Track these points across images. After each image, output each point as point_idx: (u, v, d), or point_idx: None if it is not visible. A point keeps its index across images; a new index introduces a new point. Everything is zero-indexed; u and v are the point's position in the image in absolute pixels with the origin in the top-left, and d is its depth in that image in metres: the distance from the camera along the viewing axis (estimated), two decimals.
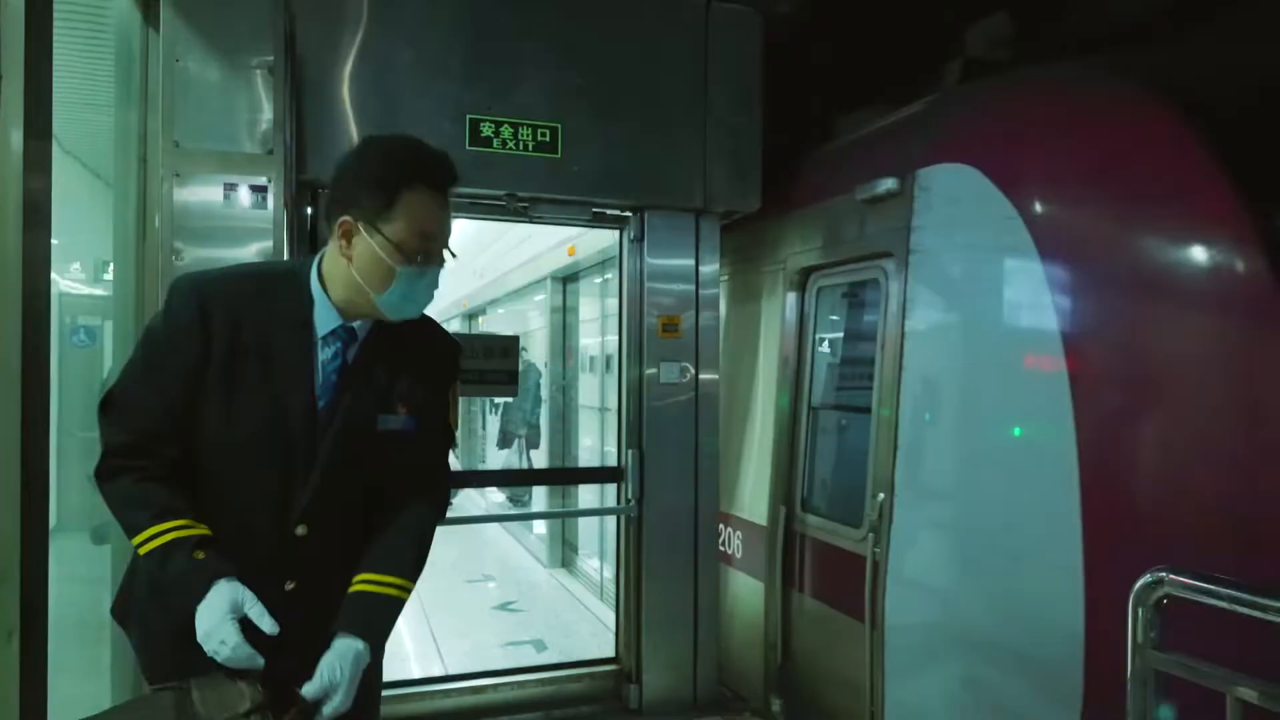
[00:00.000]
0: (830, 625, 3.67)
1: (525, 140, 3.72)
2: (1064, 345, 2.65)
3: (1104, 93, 2.85)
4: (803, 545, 3.93)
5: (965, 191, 3.05)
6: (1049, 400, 2.67)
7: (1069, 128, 2.91)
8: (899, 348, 3.25)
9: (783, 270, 4.16)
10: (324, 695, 1.62)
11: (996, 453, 2.91)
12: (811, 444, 4.02)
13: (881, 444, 3.34)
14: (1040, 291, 2.75)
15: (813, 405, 4.01)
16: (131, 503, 1.66)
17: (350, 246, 1.71)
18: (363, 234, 1.69)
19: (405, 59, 3.55)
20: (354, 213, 1.69)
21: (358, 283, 1.72)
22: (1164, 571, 1.64)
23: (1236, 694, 1.53)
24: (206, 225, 2.71)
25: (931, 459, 3.17)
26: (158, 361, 1.70)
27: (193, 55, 2.71)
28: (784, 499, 4.03)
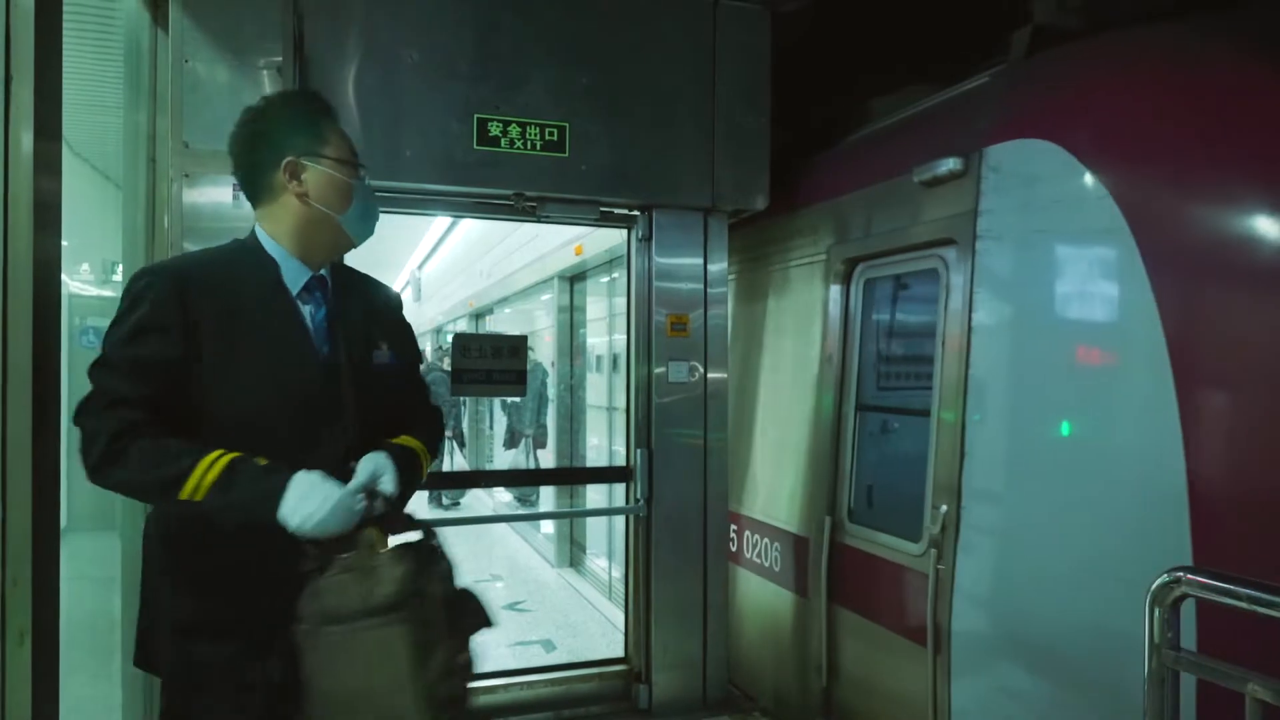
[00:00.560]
0: (884, 647, 3.33)
1: (533, 139, 3.71)
2: (1167, 342, 2.35)
3: (1207, 57, 2.54)
4: (850, 559, 3.60)
5: (1045, 170, 2.74)
6: (1148, 405, 2.39)
7: (1167, 96, 2.59)
8: (964, 345, 2.95)
9: (824, 262, 3.89)
10: (374, 481, 1.76)
11: (1083, 463, 2.61)
12: (858, 449, 3.70)
13: (943, 450, 3.03)
14: (1137, 281, 2.43)
15: (860, 406, 3.70)
16: (164, 456, 1.64)
17: (302, 184, 1.84)
18: (310, 166, 1.83)
19: (412, 59, 3.54)
20: (291, 154, 1.83)
21: (318, 216, 1.85)
22: (1181, 571, 1.63)
23: (1256, 694, 1.51)
24: (216, 226, 2.71)
25: (1005, 467, 2.85)
26: (145, 352, 1.68)
27: (201, 56, 2.72)
28: (829, 508, 3.73)
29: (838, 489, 3.70)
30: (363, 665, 1.62)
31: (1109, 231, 2.51)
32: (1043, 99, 2.94)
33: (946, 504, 2.94)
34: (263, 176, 1.85)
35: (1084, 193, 2.60)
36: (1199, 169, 2.46)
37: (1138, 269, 2.43)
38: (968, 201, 2.97)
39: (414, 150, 3.57)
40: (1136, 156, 2.58)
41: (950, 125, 3.28)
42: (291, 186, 1.83)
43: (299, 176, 1.83)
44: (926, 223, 3.21)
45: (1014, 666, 2.72)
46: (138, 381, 1.66)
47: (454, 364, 4.07)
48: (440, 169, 3.60)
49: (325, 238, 1.89)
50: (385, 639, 1.64)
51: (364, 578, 1.66)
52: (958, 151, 3.00)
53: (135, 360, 1.67)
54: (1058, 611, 2.44)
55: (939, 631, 2.92)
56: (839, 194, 3.84)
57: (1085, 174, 2.60)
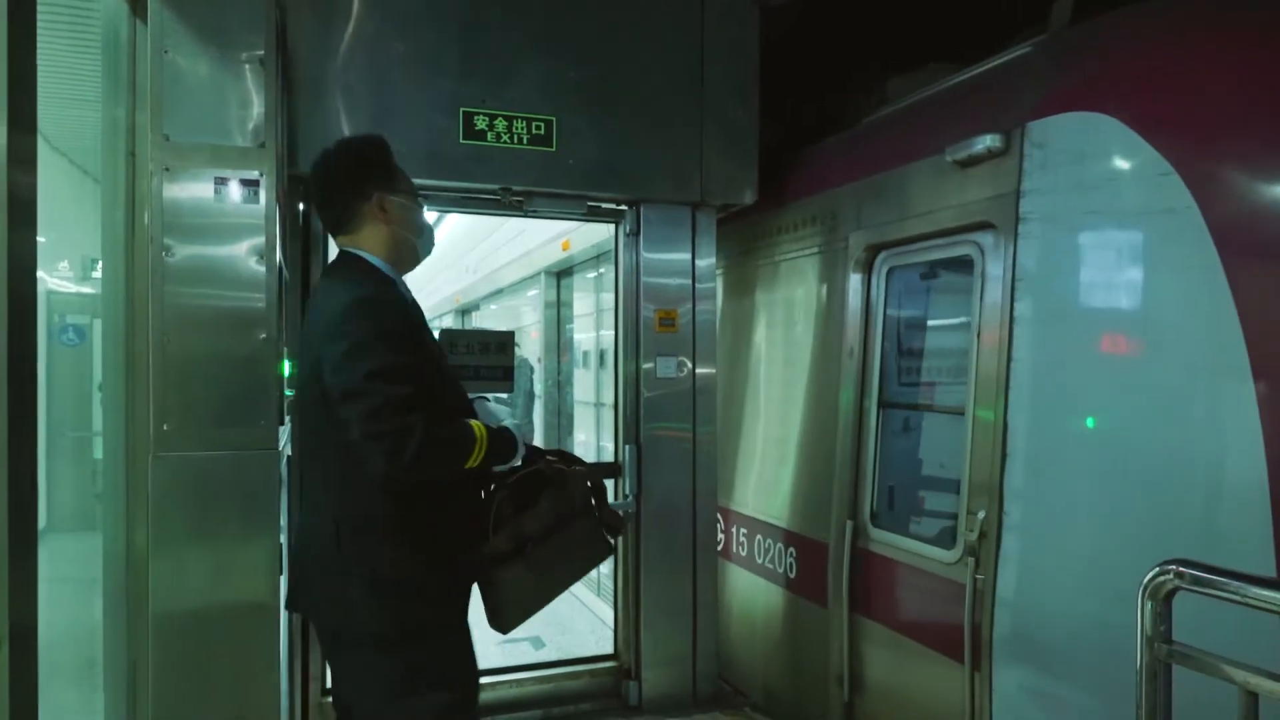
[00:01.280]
0: (913, 661, 3.13)
1: (520, 133, 3.68)
2: (1244, 333, 2.11)
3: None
4: (874, 566, 3.38)
5: (1098, 146, 2.48)
6: (1222, 403, 2.19)
7: (1238, 60, 2.32)
8: (1004, 337, 2.71)
9: (843, 249, 3.64)
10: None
11: (1143, 466, 2.37)
12: (881, 448, 3.47)
13: (979, 450, 2.82)
14: (1209, 266, 2.17)
15: (883, 404, 3.47)
16: (455, 440, 2.07)
17: (387, 213, 2.24)
18: (392, 199, 2.25)
19: (398, 52, 3.50)
20: (378, 190, 2.23)
21: (401, 238, 2.27)
22: (1173, 564, 1.62)
23: (1248, 685, 1.51)
24: (197, 221, 2.67)
25: (1054, 470, 2.61)
26: (405, 359, 2.05)
27: (182, 48, 2.67)
28: (850, 511, 3.49)
29: (859, 491, 3.48)
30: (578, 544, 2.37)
31: (1174, 211, 2.26)
32: (1094, 68, 2.68)
33: (984, 509, 2.74)
34: (355, 207, 2.23)
35: (1145, 169, 2.35)
36: (1277, 140, 2.21)
37: (1209, 253, 2.18)
38: (1008, 182, 2.73)
39: (399, 144, 3.48)
40: (1205, 128, 2.32)
41: (988, 99, 3.04)
42: (381, 217, 2.23)
43: (385, 208, 2.23)
44: (960, 205, 2.96)
45: (1062, 684, 2.51)
46: (411, 384, 1.99)
47: None
48: (426, 163, 3.56)
49: (406, 256, 2.32)
50: (587, 527, 2.38)
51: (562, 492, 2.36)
52: (997, 128, 2.77)
53: (407, 367, 2.02)
54: (1114, 628, 1.99)
55: (978, 646, 2.72)
56: (859, 177, 3.62)
57: (1146, 148, 2.35)
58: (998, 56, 3.21)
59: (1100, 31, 2.75)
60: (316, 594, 2.16)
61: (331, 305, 2.10)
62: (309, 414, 2.23)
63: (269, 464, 2.69)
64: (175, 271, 2.65)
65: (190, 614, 2.66)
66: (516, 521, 2.25)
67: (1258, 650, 1.56)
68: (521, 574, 2.25)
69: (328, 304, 2.13)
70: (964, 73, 3.38)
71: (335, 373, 2.00)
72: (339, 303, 2.08)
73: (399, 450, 1.90)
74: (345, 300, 2.08)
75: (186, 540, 2.66)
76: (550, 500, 2.30)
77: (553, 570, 2.31)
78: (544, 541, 2.26)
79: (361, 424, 1.92)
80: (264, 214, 2.67)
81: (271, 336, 2.70)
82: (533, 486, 2.32)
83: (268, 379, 2.70)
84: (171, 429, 2.62)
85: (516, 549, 2.24)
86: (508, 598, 2.28)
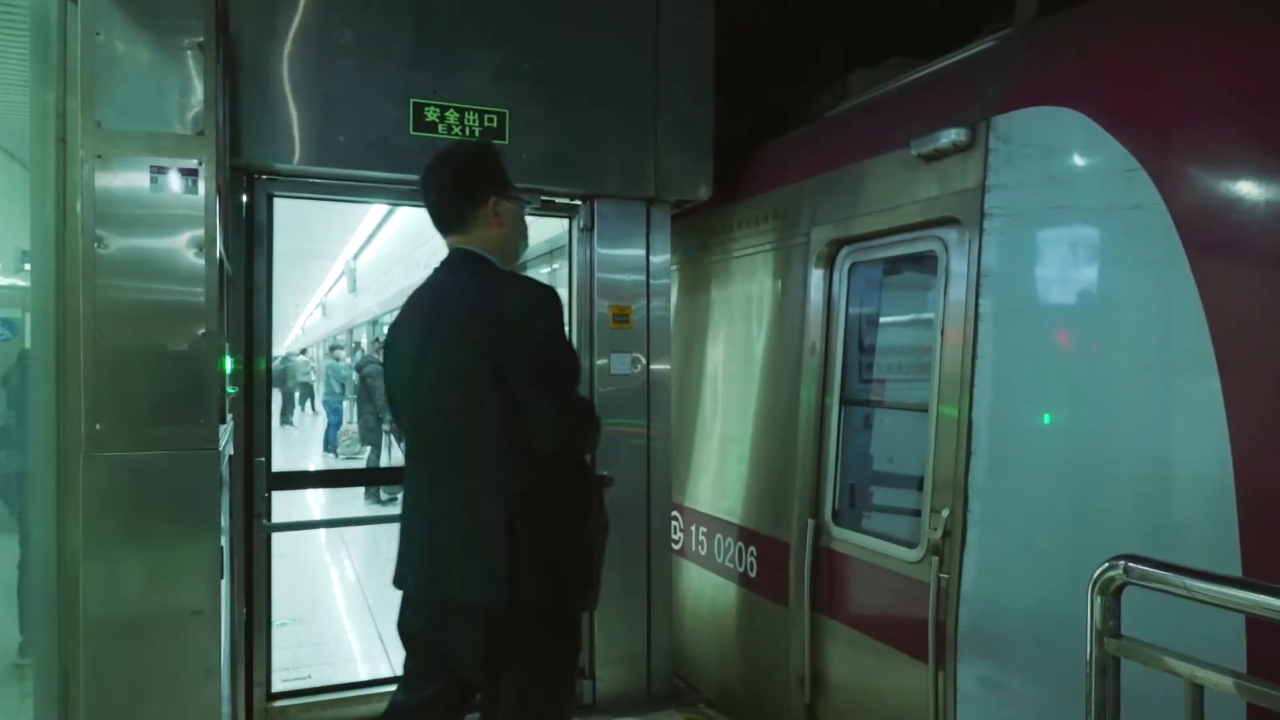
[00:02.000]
0: (876, 661, 3.10)
1: (472, 125, 3.62)
2: (1210, 329, 2.09)
3: (1251, 10, 2.25)
4: (836, 565, 3.34)
5: (1064, 140, 2.46)
6: (1188, 400, 2.17)
7: (1206, 56, 2.29)
8: (969, 334, 2.69)
9: (805, 245, 3.60)
10: None
11: (1112, 463, 2.34)
12: (843, 446, 3.43)
13: (942, 447, 2.80)
14: (1175, 261, 2.15)
15: (845, 401, 3.43)
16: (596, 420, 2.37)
17: (499, 215, 2.40)
18: (504, 203, 2.41)
19: (346, 39, 3.42)
20: (493, 194, 2.39)
21: (509, 239, 2.44)
22: (1123, 559, 1.64)
23: (1195, 678, 1.53)
24: (132, 212, 2.55)
25: (1020, 467, 2.58)
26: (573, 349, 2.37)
27: (115, 30, 2.55)
28: (812, 509, 3.46)
29: (821, 489, 3.45)
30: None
31: (1140, 207, 2.23)
32: (1060, 63, 2.66)
33: (948, 507, 2.72)
34: (472, 209, 2.39)
35: (1111, 165, 2.32)
36: (1244, 136, 2.17)
37: (1175, 248, 2.16)
38: (974, 176, 2.71)
39: (347, 135, 3.45)
40: (1171, 123, 2.29)
41: (952, 93, 3.02)
42: (494, 219, 2.39)
43: (498, 211, 2.39)
44: (924, 201, 2.94)
45: (1027, 681, 2.51)
46: (578, 368, 2.35)
47: None
48: (375, 155, 3.49)
49: (511, 254, 2.48)
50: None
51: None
52: (962, 122, 2.74)
53: (575, 354, 2.37)
54: (1079, 625, 1.88)
55: (942, 644, 2.71)
56: (821, 171, 3.58)
57: (1112, 144, 2.32)
58: (963, 50, 3.19)
59: (1066, 25, 2.73)
60: (459, 575, 2.19)
61: (494, 297, 2.27)
62: (459, 401, 2.25)
63: (209, 464, 2.59)
64: (109, 264, 2.53)
65: (125, 620, 2.55)
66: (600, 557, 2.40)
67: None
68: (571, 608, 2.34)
69: (483, 298, 2.28)
70: (929, 66, 3.35)
71: (531, 361, 2.19)
72: (514, 295, 2.28)
73: (590, 433, 2.32)
74: (522, 294, 2.29)
75: (121, 543, 2.55)
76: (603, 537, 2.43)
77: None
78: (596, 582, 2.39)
79: (553, 403, 2.20)
80: (203, 204, 2.57)
81: (212, 332, 2.60)
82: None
83: (208, 376, 2.60)
84: (105, 428, 2.51)
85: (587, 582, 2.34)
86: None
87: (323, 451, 14.37)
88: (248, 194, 3.51)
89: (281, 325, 34.44)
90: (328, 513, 9.11)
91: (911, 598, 2.87)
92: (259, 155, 3.34)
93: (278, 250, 3.73)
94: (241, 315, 3.48)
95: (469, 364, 2.21)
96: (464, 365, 2.22)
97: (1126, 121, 2.34)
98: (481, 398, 2.19)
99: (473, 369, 2.19)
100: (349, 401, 14.12)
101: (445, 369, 2.26)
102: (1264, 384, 2.06)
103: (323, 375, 17.82)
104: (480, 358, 2.18)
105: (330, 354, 16.59)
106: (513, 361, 2.16)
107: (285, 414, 20.07)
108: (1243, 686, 1.46)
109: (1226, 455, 2.05)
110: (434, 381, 2.29)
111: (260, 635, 3.57)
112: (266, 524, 3.55)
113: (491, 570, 2.13)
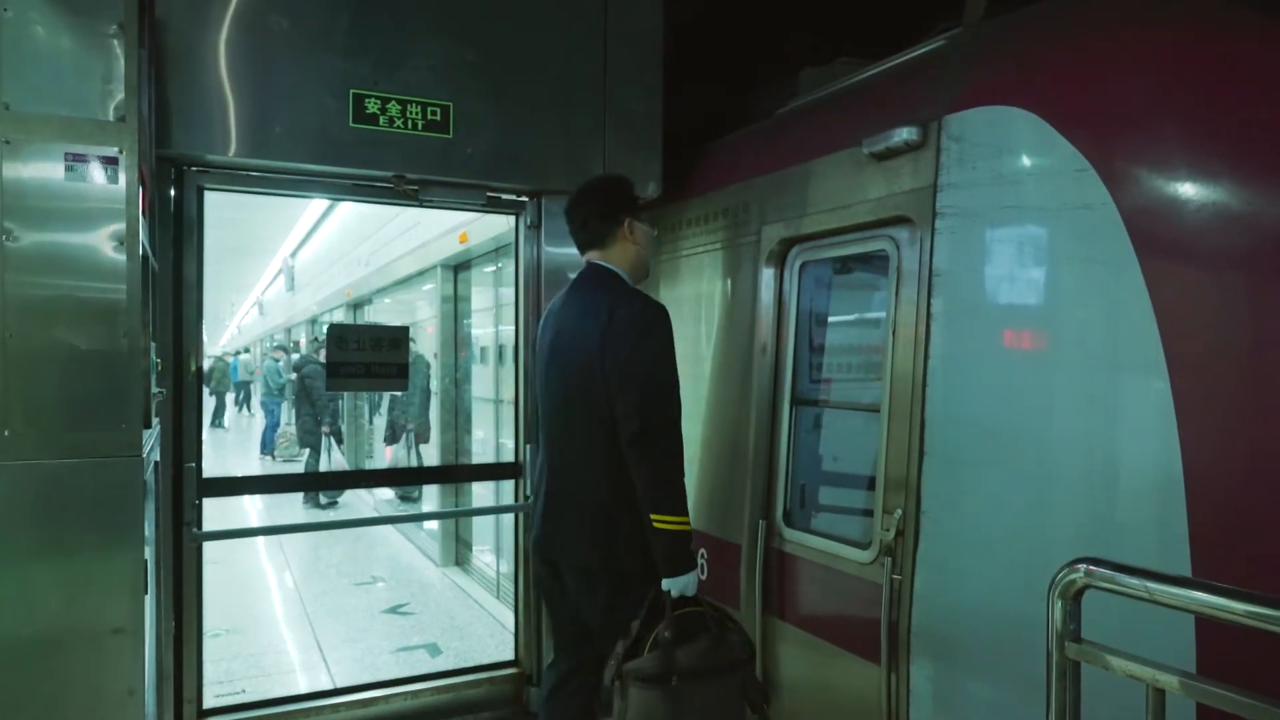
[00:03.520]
0: (828, 664, 3.08)
1: (414, 118, 3.50)
2: (1160, 330, 2.09)
3: (1200, 13, 2.24)
4: (787, 567, 3.31)
5: (1015, 140, 2.46)
6: (1138, 401, 2.17)
7: (1158, 57, 2.27)
8: (921, 334, 2.69)
9: (756, 243, 3.56)
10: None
11: (1062, 463, 2.34)
12: (794, 446, 3.41)
13: (895, 448, 2.79)
14: (1125, 262, 2.16)
15: (796, 401, 3.41)
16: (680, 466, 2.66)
17: (633, 236, 2.84)
18: (639, 226, 2.86)
19: (282, 26, 3.29)
20: (627, 217, 2.84)
21: (640, 256, 2.88)
22: (1083, 562, 1.62)
23: (1156, 683, 1.52)
24: (45, 203, 2.35)
25: (972, 468, 2.56)
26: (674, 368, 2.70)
27: (24, 6, 2.37)
28: (763, 511, 3.42)
29: (772, 490, 3.43)
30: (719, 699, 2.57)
31: (1091, 207, 2.24)
32: (1011, 62, 2.66)
33: (901, 508, 2.72)
34: (611, 229, 2.83)
35: (1061, 165, 2.32)
36: (1194, 137, 2.18)
37: (1125, 249, 2.16)
38: (925, 176, 2.71)
39: (284, 126, 3.31)
40: (1121, 124, 2.28)
41: (904, 92, 3.00)
42: (629, 238, 2.84)
43: (633, 231, 2.84)
44: (877, 200, 2.93)
45: (980, 682, 2.52)
46: (676, 390, 2.71)
47: (329, 357, 3.84)
48: (313, 147, 3.36)
49: (640, 270, 2.90)
50: (732, 687, 2.61)
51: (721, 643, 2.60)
52: (914, 120, 2.74)
53: (675, 373, 2.72)
54: (1033, 625, 1.92)
55: (894, 646, 2.71)
56: (772, 169, 3.53)
57: (1063, 144, 2.32)
58: (915, 48, 3.18)
59: (1016, 25, 2.72)
60: (580, 543, 2.69)
61: (615, 311, 2.63)
62: (574, 396, 2.70)
63: (131, 471, 2.42)
64: (19, 258, 2.35)
65: (39, 639, 2.37)
66: (671, 651, 2.47)
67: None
68: (656, 701, 2.44)
69: (602, 309, 2.65)
70: (881, 64, 3.33)
71: (625, 363, 2.56)
72: (631, 309, 2.64)
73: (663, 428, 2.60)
74: (630, 306, 2.65)
75: (34, 557, 2.37)
76: (710, 642, 2.52)
77: (685, 713, 2.46)
78: (694, 679, 2.47)
79: (636, 399, 2.53)
80: (124, 195, 2.40)
81: (134, 331, 2.43)
82: (691, 623, 2.54)
83: (129, 378, 2.43)
84: (14, 434, 2.32)
85: (661, 675, 2.44)
86: (630, 713, 2.48)
87: (260, 454, 13.97)
88: (176, 186, 3.35)
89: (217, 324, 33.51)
90: (265, 518, 8.84)
91: (864, 599, 2.86)
92: (189, 145, 3.19)
93: (212, 246, 3.56)
94: (170, 314, 3.31)
95: (582, 365, 2.64)
96: (578, 366, 2.66)
97: (1076, 121, 2.33)
98: (591, 396, 2.61)
99: (585, 370, 2.63)
100: (288, 402, 13.77)
101: (568, 368, 2.73)
102: (1213, 384, 2.05)
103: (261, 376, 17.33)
104: (591, 360, 2.61)
105: (270, 354, 16.14)
106: (613, 365, 2.56)
107: (216, 416, 19.55)
108: (1211, 693, 1.44)
109: (1176, 455, 2.04)
110: (559, 378, 2.77)
111: (191, 649, 3.41)
112: (197, 533, 3.38)
113: (595, 543, 2.64)
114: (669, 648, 2.47)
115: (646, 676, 2.45)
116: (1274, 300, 2.00)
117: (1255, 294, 2.02)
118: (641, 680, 2.45)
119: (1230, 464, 2.03)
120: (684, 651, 2.48)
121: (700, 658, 2.49)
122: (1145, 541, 2.12)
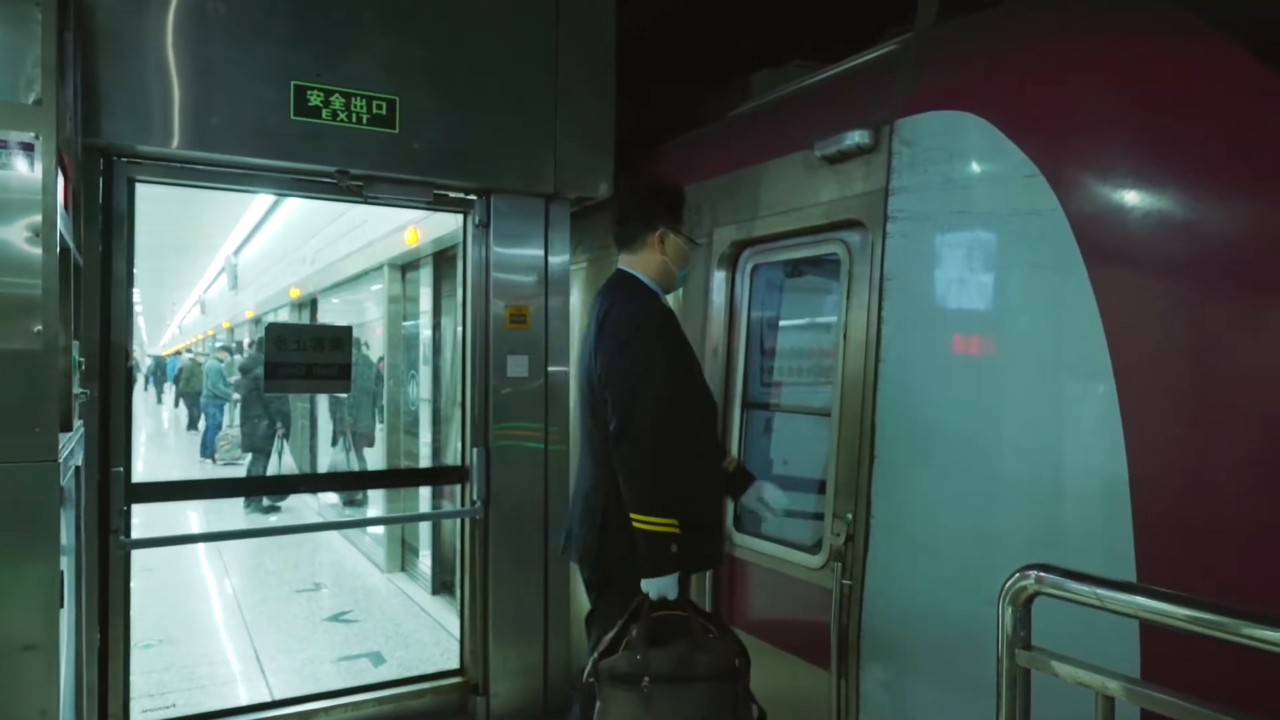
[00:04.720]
0: (779, 669, 3.02)
1: (359, 112, 3.40)
2: (1107, 335, 2.09)
3: (1148, 21, 2.22)
4: (737, 572, 3.28)
5: (965, 145, 2.46)
6: (1085, 405, 2.18)
7: (1102, 64, 2.27)
8: (871, 338, 2.68)
9: (707, 245, 3.53)
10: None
11: (1012, 467, 2.34)
12: (745, 450, 3.39)
13: (845, 452, 2.77)
14: (1073, 268, 2.16)
15: (747, 404, 3.40)
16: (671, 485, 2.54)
17: (664, 246, 2.80)
18: (672, 237, 2.81)
19: (219, 13, 3.17)
20: (663, 227, 2.80)
21: (668, 268, 2.82)
22: (1034, 569, 1.61)
23: (1107, 690, 1.50)
24: None
25: (922, 472, 2.56)
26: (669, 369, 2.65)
27: None
28: None
29: None
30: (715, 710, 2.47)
31: (1040, 213, 2.24)
32: (961, 67, 2.66)
33: (851, 512, 2.70)
34: (642, 235, 2.81)
35: (1011, 170, 2.32)
36: (1141, 144, 2.18)
37: (1073, 254, 2.16)
38: (877, 179, 2.70)
39: (221, 117, 3.19)
40: (1070, 130, 2.28)
41: (856, 95, 3.00)
42: (659, 248, 2.80)
43: (664, 242, 2.80)
44: (828, 203, 2.92)
45: (931, 687, 2.51)
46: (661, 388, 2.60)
47: (268, 357, 3.71)
48: (252, 140, 3.25)
49: (668, 282, 2.85)
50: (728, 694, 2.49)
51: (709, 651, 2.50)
52: (866, 124, 2.73)
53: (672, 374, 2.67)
54: (983, 630, 1.90)
55: (844, 652, 2.70)
56: (724, 171, 3.52)
57: (1012, 149, 2.32)
58: (867, 52, 3.18)
59: (967, 30, 2.73)
60: (579, 538, 2.76)
61: (609, 313, 2.68)
62: (587, 402, 2.76)
63: (46, 477, 2.27)
64: None
65: None
66: (645, 652, 2.42)
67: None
68: (625, 703, 2.40)
69: (602, 311, 2.71)
70: (834, 67, 3.33)
71: (609, 375, 2.59)
72: (621, 313, 2.66)
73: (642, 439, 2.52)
74: (628, 311, 2.66)
75: None
76: (688, 648, 2.45)
77: (660, 718, 2.42)
78: (667, 684, 2.40)
79: (619, 419, 2.53)
80: (40, 185, 2.26)
81: (50, 328, 2.28)
82: (670, 626, 2.49)
83: (45, 378, 2.28)
84: None
85: (632, 676, 2.40)
86: (602, 711, 2.46)
87: (200, 458, 13.57)
88: (105, 177, 3.20)
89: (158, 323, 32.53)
90: (206, 523, 8.56)
91: (814, 604, 2.84)
92: (118, 134, 3.05)
93: (152, 243, 3.44)
94: (97, 311, 3.15)
95: (585, 366, 2.73)
96: (583, 367, 2.76)
97: (1025, 127, 2.34)
98: (592, 399, 2.68)
99: (587, 371, 2.71)
100: (229, 404, 13.39)
101: (578, 370, 2.86)
102: (1158, 389, 2.06)
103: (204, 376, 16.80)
104: (589, 361, 2.68)
105: (214, 354, 15.68)
106: (601, 367, 2.61)
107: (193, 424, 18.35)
108: (1163, 701, 1.43)
109: (1122, 459, 2.05)
110: (575, 378, 2.95)
111: (117, 663, 3.25)
112: (125, 540, 3.23)
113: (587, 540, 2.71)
114: (642, 649, 2.43)
115: (618, 675, 2.42)
116: (1218, 306, 2.01)
117: (1200, 299, 2.03)
118: (613, 679, 2.42)
119: (1175, 468, 2.03)
120: (658, 654, 2.42)
121: (676, 663, 2.41)
122: (1092, 545, 2.13)
